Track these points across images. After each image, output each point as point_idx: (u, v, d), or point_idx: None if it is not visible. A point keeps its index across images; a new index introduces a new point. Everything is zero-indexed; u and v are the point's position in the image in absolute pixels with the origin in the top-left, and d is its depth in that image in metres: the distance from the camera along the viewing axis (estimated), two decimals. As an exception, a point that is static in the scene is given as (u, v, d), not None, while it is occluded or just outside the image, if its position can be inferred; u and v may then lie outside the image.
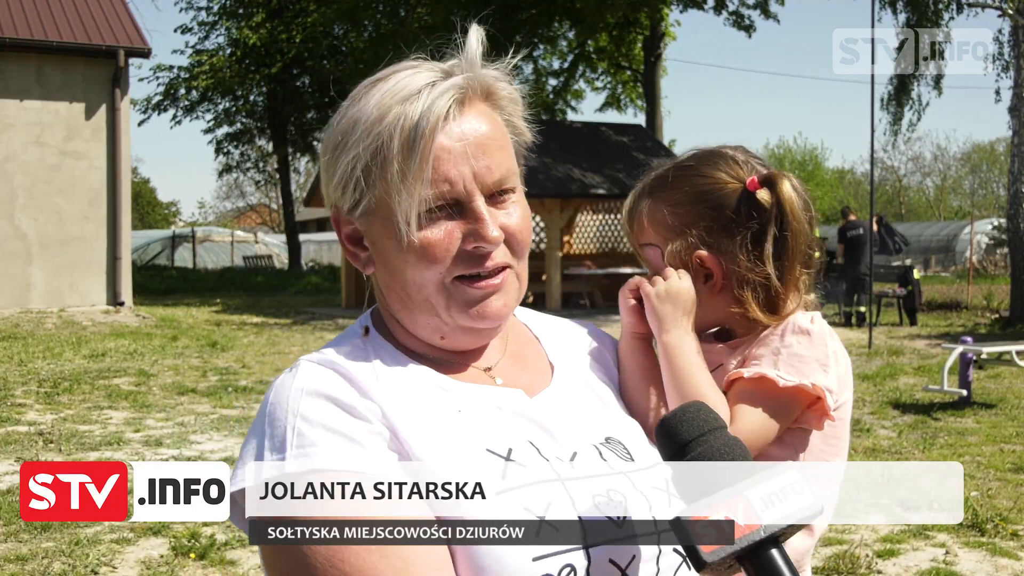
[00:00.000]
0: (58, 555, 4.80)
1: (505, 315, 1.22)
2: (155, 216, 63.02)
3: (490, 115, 1.21)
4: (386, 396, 1.14)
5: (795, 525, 0.91)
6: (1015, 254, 17.08)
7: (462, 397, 1.20)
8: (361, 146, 1.15)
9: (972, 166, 55.29)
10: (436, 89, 1.15)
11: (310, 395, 1.11)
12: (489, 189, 1.17)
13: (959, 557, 4.90)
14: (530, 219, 1.25)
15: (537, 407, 1.23)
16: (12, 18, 16.13)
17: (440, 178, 1.13)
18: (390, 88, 1.16)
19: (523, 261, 1.24)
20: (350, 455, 1.06)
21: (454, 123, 1.15)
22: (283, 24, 32.60)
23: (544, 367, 1.33)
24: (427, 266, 1.16)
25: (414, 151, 1.12)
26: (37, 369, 10.77)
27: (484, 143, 1.16)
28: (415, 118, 1.12)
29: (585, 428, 1.24)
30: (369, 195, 1.17)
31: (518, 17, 25.62)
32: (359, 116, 1.16)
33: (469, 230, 1.16)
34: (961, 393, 8.98)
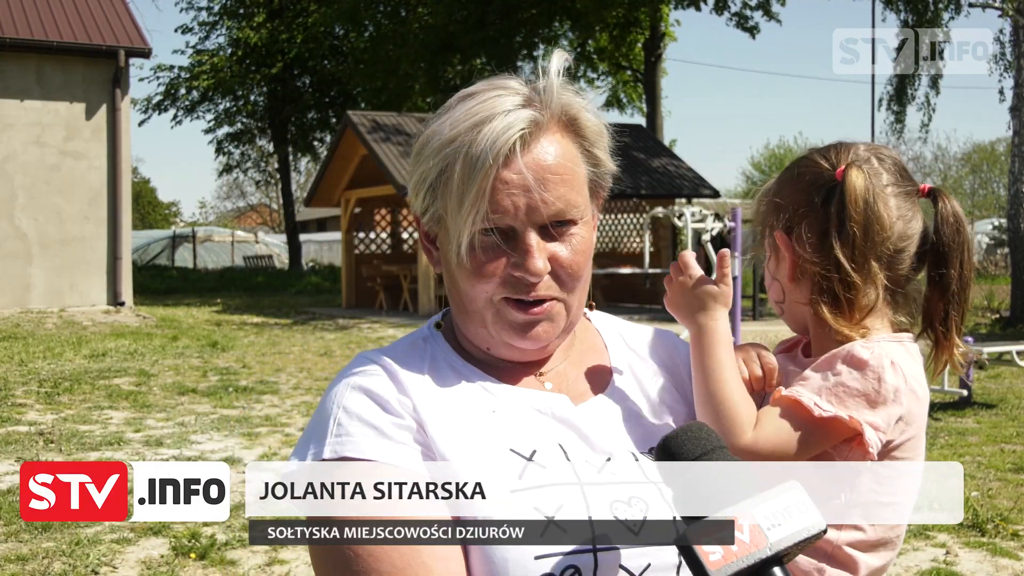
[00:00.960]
0: (59, 555, 4.80)
1: (549, 341, 1.24)
2: (155, 216, 63.02)
3: (563, 144, 1.20)
4: (422, 392, 1.19)
5: (800, 543, 0.91)
6: (1015, 254, 17.07)
7: (503, 399, 1.23)
8: (431, 162, 1.19)
9: (972, 166, 55.28)
10: (507, 119, 1.15)
11: (354, 389, 1.19)
12: (544, 221, 1.18)
13: (959, 557, 4.90)
14: (589, 251, 1.24)
15: (579, 413, 1.24)
16: (12, 18, 16.13)
17: (495, 208, 1.16)
18: (474, 107, 1.18)
19: (574, 293, 1.24)
20: (377, 447, 1.13)
21: (521, 157, 1.15)
22: (284, 24, 32.61)
23: (603, 374, 1.33)
24: (475, 283, 1.20)
25: (472, 182, 1.15)
26: (37, 369, 10.77)
27: (545, 177, 1.17)
28: (478, 150, 1.14)
29: (628, 436, 1.25)
30: (436, 206, 1.22)
31: (518, 17, 25.63)
32: (438, 130, 1.19)
33: (516, 260, 1.18)
34: (962, 393, 8.98)
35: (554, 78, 1.21)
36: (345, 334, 15.51)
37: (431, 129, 1.21)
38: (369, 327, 16.72)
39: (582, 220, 1.22)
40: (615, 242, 22.47)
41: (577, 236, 1.22)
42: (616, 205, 21.97)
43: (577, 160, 1.22)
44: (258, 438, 7.58)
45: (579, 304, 1.27)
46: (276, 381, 10.45)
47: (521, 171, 1.15)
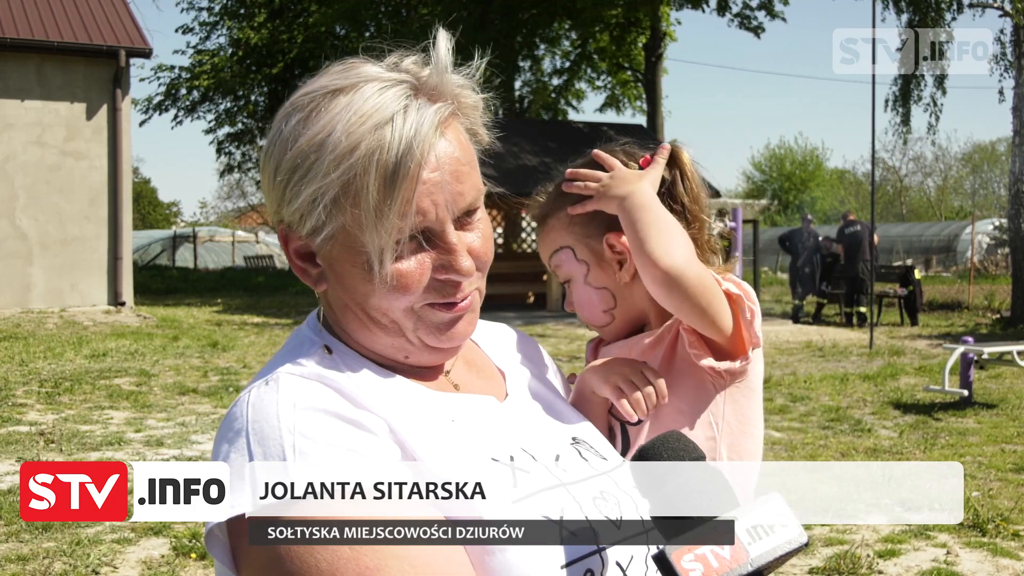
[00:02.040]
0: (59, 555, 4.80)
1: (468, 335, 1.19)
2: (156, 216, 63.03)
3: (459, 132, 1.13)
4: (384, 409, 1.07)
5: (781, 557, 0.90)
6: (1016, 254, 17.07)
7: (447, 406, 1.16)
8: (330, 177, 1.05)
9: (973, 166, 55.24)
10: (411, 117, 1.06)
11: (306, 410, 1.02)
12: (458, 214, 1.12)
13: (960, 557, 4.90)
14: (491, 229, 1.20)
15: (509, 413, 1.22)
16: (13, 18, 16.14)
17: (416, 211, 1.07)
18: (358, 108, 1.06)
19: (484, 279, 1.20)
20: (360, 470, 1.00)
21: (435, 153, 1.08)
22: (284, 24, 32.61)
23: (494, 372, 1.31)
24: (397, 296, 1.10)
25: (394, 189, 1.04)
26: (38, 369, 10.77)
27: (458, 169, 1.10)
28: (394, 154, 1.04)
29: (554, 430, 1.24)
30: (333, 223, 1.08)
31: (518, 17, 25.63)
32: (325, 141, 1.05)
33: (441, 261, 1.11)
34: (962, 393, 8.98)
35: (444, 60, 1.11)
36: (345, 334, 15.51)
37: (310, 140, 1.06)
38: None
39: (481, 206, 1.17)
40: (615, 242, 22.44)
41: (482, 221, 1.17)
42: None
43: (469, 144, 1.15)
44: (258, 438, 7.58)
45: (484, 291, 1.21)
46: (276, 381, 10.45)
47: (438, 166, 1.07)
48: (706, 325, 1.30)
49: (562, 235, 1.44)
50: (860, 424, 8.39)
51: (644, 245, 1.29)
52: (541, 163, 20.00)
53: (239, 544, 1.01)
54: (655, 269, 1.28)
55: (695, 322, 1.30)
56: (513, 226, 22.65)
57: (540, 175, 13.44)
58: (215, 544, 1.02)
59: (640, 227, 1.31)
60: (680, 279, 1.27)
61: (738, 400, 1.35)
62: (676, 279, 1.27)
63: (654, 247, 1.28)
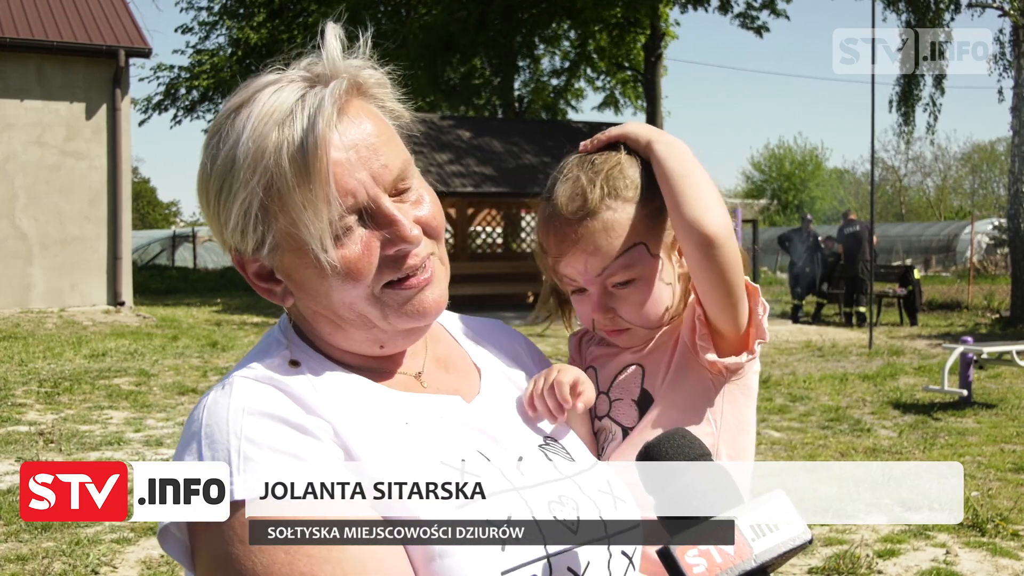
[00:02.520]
0: (58, 555, 4.80)
1: (442, 305, 1.18)
2: (155, 216, 63.03)
3: (367, 109, 1.14)
4: (333, 413, 1.08)
5: (785, 554, 0.90)
6: (1016, 254, 17.07)
7: (404, 408, 1.15)
8: (251, 185, 1.06)
9: (972, 166, 55.24)
10: (308, 103, 1.07)
11: (253, 415, 1.04)
12: (391, 187, 1.12)
13: (960, 557, 4.90)
14: (437, 200, 1.19)
15: (476, 413, 1.21)
16: (12, 18, 16.13)
17: (342, 192, 1.07)
18: (258, 113, 1.07)
19: (441, 243, 1.19)
20: (308, 475, 1.00)
21: (338, 132, 1.08)
22: (284, 24, 32.60)
23: (470, 369, 1.30)
24: (353, 284, 1.10)
25: (309, 175, 1.04)
26: (37, 369, 10.77)
27: (373, 143, 1.10)
28: (300, 140, 1.05)
29: (525, 430, 1.23)
30: (272, 231, 1.09)
31: (518, 17, 25.64)
32: (235, 153, 1.07)
33: (386, 236, 1.10)
34: (962, 393, 8.98)
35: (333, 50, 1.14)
36: (345, 334, 15.51)
37: (224, 158, 1.08)
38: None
39: (417, 176, 1.18)
40: (615, 242, 22.42)
41: (423, 191, 1.17)
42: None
43: (384, 119, 1.16)
44: (258, 438, 7.58)
45: (446, 255, 1.21)
46: (276, 381, 10.45)
47: (351, 146, 1.08)
48: (728, 306, 1.26)
49: (633, 231, 1.30)
50: (860, 424, 8.39)
51: (686, 201, 1.23)
52: (541, 163, 19.99)
53: (193, 542, 1.04)
54: (701, 230, 1.21)
55: (719, 299, 1.25)
56: (513, 226, 22.64)
57: (540, 175, 13.64)
58: (170, 541, 1.05)
59: (677, 179, 1.24)
60: (723, 246, 1.22)
61: (737, 399, 1.33)
62: (720, 244, 1.22)
63: (699, 206, 1.22)
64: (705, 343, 1.28)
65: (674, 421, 1.30)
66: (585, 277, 1.33)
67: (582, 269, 1.32)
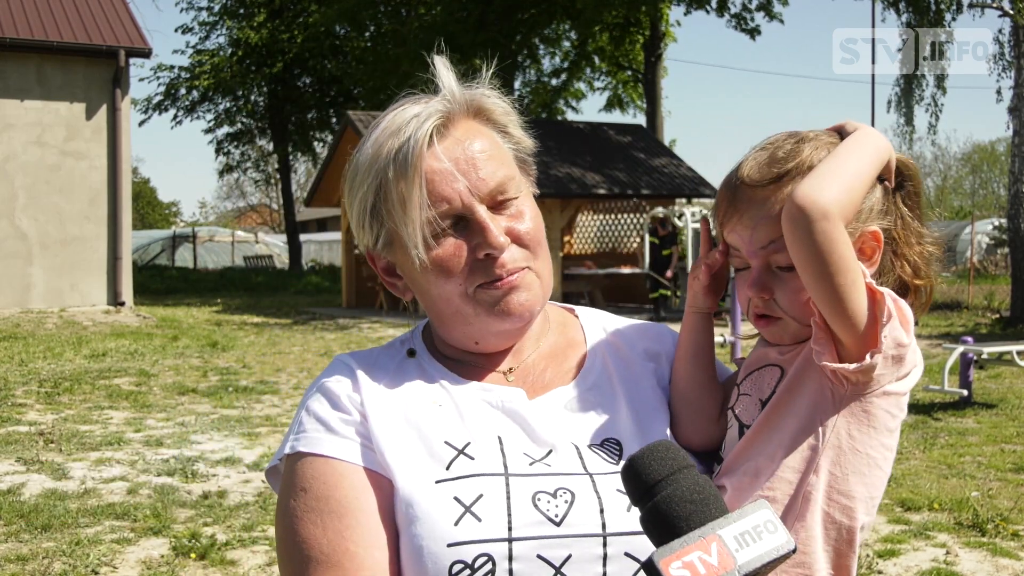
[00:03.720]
0: (59, 555, 4.80)
1: (529, 309, 1.25)
2: (155, 216, 63.05)
3: (480, 130, 1.27)
4: (373, 389, 1.25)
5: (768, 564, 0.90)
6: (1016, 254, 17.07)
7: (456, 394, 1.27)
8: (366, 185, 1.23)
9: (973, 166, 55.29)
10: (421, 116, 1.22)
11: (318, 390, 1.27)
12: (489, 198, 1.23)
13: (960, 557, 4.90)
14: (540, 219, 1.29)
15: (531, 406, 1.26)
16: (12, 18, 16.14)
17: (437, 198, 1.20)
18: (384, 124, 1.24)
19: (540, 259, 1.28)
20: (323, 441, 1.21)
21: (442, 145, 1.21)
22: (284, 24, 32.62)
23: (572, 367, 1.34)
24: (445, 280, 1.23)
25: (406, 178, 1.19)
26: (38, 369, 10.77)
27: (474, 157, 1.22)
28: (403, 146, 1.19)
29: (581, 428, 1.25)
30: (383, 229, 1.25)
31: (518, 17, 25.65)
32: (361, 158, 1.25)
33: (476, 241, 1.21)
34: (962, 393, 8.98)
35: (446, 76, 1.27)
36: (345, 334, 15.51)
37: (355, 163, 1.27)
38: (369, 327, 16.73)
39: (522, 194, 1.28)
40: (615, 242, 22.45)
41: (524, 207, 1.27)
42: (616, 205, 21.96)
43: (497, 141, 1.28)
44: (258, 438, 7.58)
45: (548, 273, 1.29)
46: (276, 381, 10.46)
47: (451, 157, 1.21)
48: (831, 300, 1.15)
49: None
50: (860, 424, 8.39)
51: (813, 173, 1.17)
52: (541, 163, 19.91)
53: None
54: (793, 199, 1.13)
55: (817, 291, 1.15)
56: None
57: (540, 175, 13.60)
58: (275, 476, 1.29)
59: (830, 156, 1.19)
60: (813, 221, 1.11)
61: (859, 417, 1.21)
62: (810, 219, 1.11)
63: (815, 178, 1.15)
64: (820, 347, 1.19)
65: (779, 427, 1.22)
66: (749, 248, 1.24)
67: (748, 238, 1.24)
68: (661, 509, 0.92)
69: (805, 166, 1.21)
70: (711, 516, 0.91)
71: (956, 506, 5.67)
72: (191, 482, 6.22)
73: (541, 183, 16.47)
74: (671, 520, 0.91)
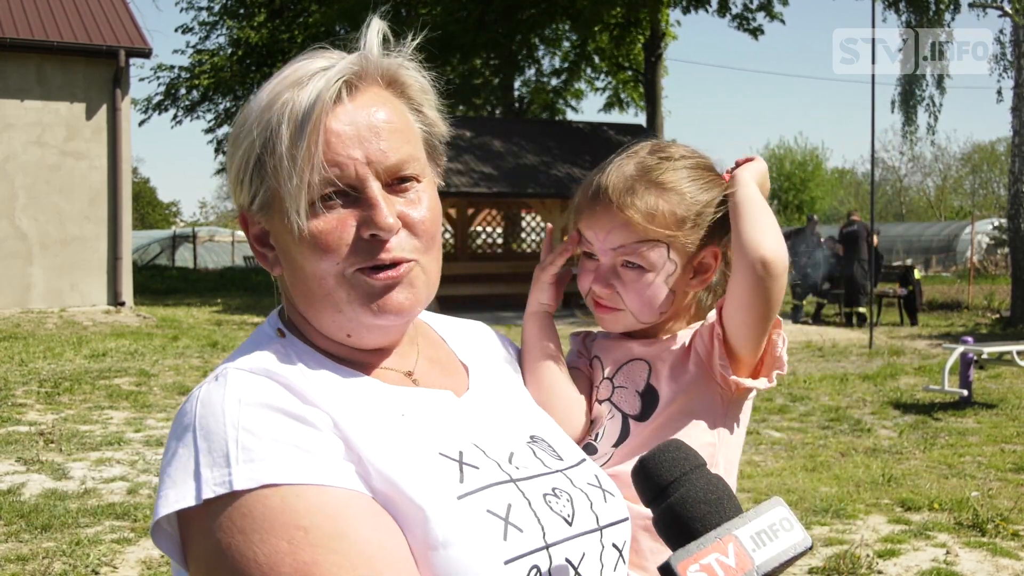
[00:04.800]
0: (59, 555, 4.80)
1: (409, 309, 1.14)
2: (155, 216, 63.03)
3: (391, 100, 1.16)
4: (330, 404, 1.07)
5: (786, 562, 0.89)
6: (1016, 254, 17.07)
7: (399, 401, 1.15)
8: (254, 134, 1.10)
9: (973, 166, 55.25)
10: (328, 73, 1.10)
11: (251, 406, 1.03)
12: (387, 174, 1.11)
13: (960, 557, 4.90)
14: (438, 211, 1.18)
15: (467, 409, 1.22)
16: (12, 18, 16.13)
17: (330, 162, 1.07)
18: (284, 74, 1.12)
19: (429, 254, 1.16)
20: (308, 468, 0.99)
21: (347, 107, 1.10)
22: (284, 24, 32.61)
23: (458, 368, 1.31)
24: (321, 257, 1.09)
25: (301, 135, 1.07)
26: (38, 369, 10.77)
27: (378, 126, 1.11)
28: (303, 101, 1.07)
29: (512, 428, 1.24)
30: (264, 187, 1.12)
31: (518, 17, 25.63)
32: (252, 105, 1.13)
33: (363, 217, 1.09)
34: (962, 393, 8.98)
35: (373, 39, 1.15)
36: (345, 334, 15.50)
37: (244, 111, 1.14)
38: (369, 327, 16.71)
39: (425, 178, 1.16)
40: (615, 242, 22.42)
41: (424, 194, 1.15)
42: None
43: (407, 116, 1.17)
44: (258, 438, 7.57)
45: (436, 270, 1.18)
46: (276, 381, 10.45)
47: (353, 121, 1.09)
48: (758, 333, 1.30)
49: (667, 229, 1.35)
50: (860, 424, 8.39)
51: (750, 231, 1.29)
52: (541, 163, 19.99)
53: (186, 536, 1.02)
54: (762, 253, 1.27)
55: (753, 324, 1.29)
56: (513, 226, 22.64)
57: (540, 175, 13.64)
58: (162, 537, 1.03)
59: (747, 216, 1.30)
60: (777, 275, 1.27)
61: (737, 416, 1.38)
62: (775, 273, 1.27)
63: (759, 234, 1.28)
64: (724, 362, 1.32)
65: (683, 425, 1.33)
66: (602, 246, 1.37)
67: (603, 238, 1.37)
68: (676, 510, 0.91)
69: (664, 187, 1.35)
70: (726, 516, 0.90)
71: (956, 506, 5.67)
72: (191, 482, 6.21)
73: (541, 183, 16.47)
74: (687, 521, 0.90)
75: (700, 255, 1.38)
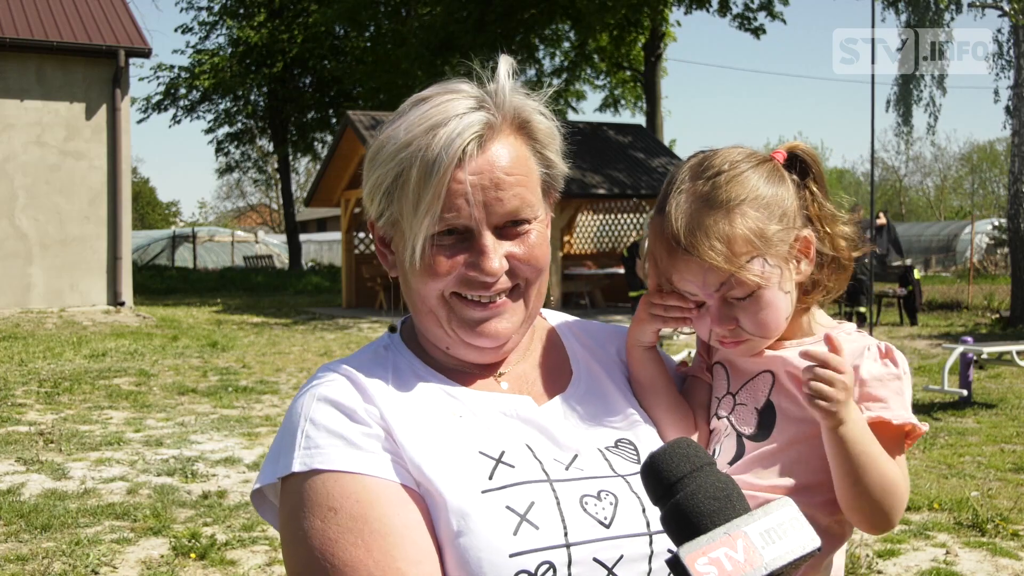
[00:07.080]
0: (58, 555, 4.80)
1: (505, 336, 1.25)
2: (155, 216, 63.03)
3: (516, 147, 1.23)
4: (387, 400, 1.21)
5: (795, 561, 0.89)
6: (1016, 254, 17.06)
7: (467, 403, 1.25)
8: (387, 167, 1.21)
9: (972, 166, 55.26)
10: (462, 122, 1.18)
11: (320, 401, 1.20)
12: (500, 220, 1.20)
13: (959, 557, 4.90)
14: (546, 247, 1.27)
15: (543, 413, 1.27)
16: (12, 18, 16.13)
17: (449, 207, 1.18)
18: (425, 112, 1.20)
19: (536, 284, 1.26)
20: (347, 457, 1.15)
21: (474, 158, 1.18)
22: (284, 24, 32.61)
23: (563, 373, 1.35)
24: (428, 281, 1.22)
25: (428, 185, 1.16)
26: (37, 369, 10.76)
27: (500, 177, 1.19)
28: (434, 153, 1.16)
29: (594, 432, 1.27)
30: (391, 210, 1.23)
31: (518, 17, 25.62)
32: (393, 135, 1.21)
33: (472, 260, 1.20)
34: (962, 393, 8.98)
35: (504, 81, 1.23)
36: (345, 334, 15.51)
37: (385, 134, 1.23)
38: (369, 327, 16.72)
39: (536, 219, 1.25)
40: (615, 242, 22.45)
41: (533, 232, 1.24)
42: (616, 205, 21.96)
43: (530, 161, 1.25)
44: (258, 438, 7.58)
45: (538, 298, 1.28)
46: (276, 381, 10.45)
47: (477, 172, 1.18)
48: None
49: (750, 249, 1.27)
50: (860, 424, 8.38)
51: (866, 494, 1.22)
52: (541, 163, 19.97)
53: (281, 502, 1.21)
54: (880, 525, 1.27)
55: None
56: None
57: (540, 175, 13.34)
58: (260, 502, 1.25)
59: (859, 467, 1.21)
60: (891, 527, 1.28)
61: None
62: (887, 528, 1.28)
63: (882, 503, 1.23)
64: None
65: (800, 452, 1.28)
66: (704, 291, 1.30)
67: (700, 283, 1.29)
68: (683, 506, 0.91)
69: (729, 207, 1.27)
70: (735, 513, 0.90)
71: (956, 506, 5.67)
72: (191, 482, 6.21)
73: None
74: (694, 517, 0.90)
75: (794, 246, 1.30)
